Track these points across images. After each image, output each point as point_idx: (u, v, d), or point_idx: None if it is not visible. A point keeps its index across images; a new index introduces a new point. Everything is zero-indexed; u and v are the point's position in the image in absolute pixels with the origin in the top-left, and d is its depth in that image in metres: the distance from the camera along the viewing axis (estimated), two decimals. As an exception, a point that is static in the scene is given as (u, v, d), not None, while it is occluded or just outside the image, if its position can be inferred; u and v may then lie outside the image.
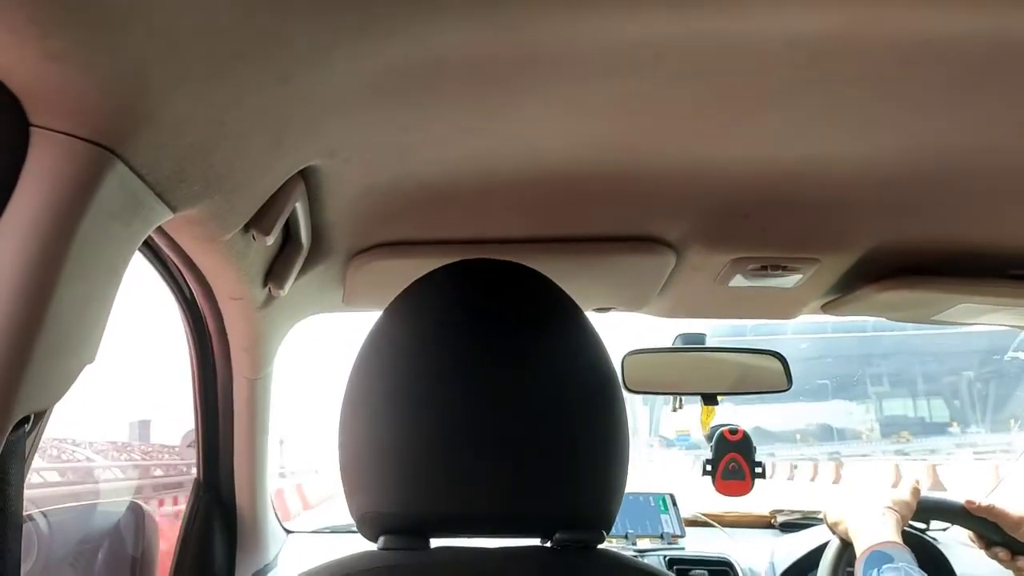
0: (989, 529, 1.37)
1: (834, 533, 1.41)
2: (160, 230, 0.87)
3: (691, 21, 0.69)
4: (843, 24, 0.69)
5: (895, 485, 1.43)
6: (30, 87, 0.56)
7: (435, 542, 0.81)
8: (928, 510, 1.41)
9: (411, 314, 0.82)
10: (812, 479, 19.03)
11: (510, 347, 0.79)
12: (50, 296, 0.59)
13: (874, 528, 1.28)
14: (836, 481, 17.32)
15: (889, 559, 1.21)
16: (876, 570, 1.20)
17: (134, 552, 1.45)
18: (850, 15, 0.68)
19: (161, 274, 1.14)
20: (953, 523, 1.46)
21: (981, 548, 1.40)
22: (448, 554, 0.79)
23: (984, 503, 1.37)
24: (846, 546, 1.38)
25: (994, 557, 1.38)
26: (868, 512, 1.32)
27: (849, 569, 1.41)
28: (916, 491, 1.37)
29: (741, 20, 0.68)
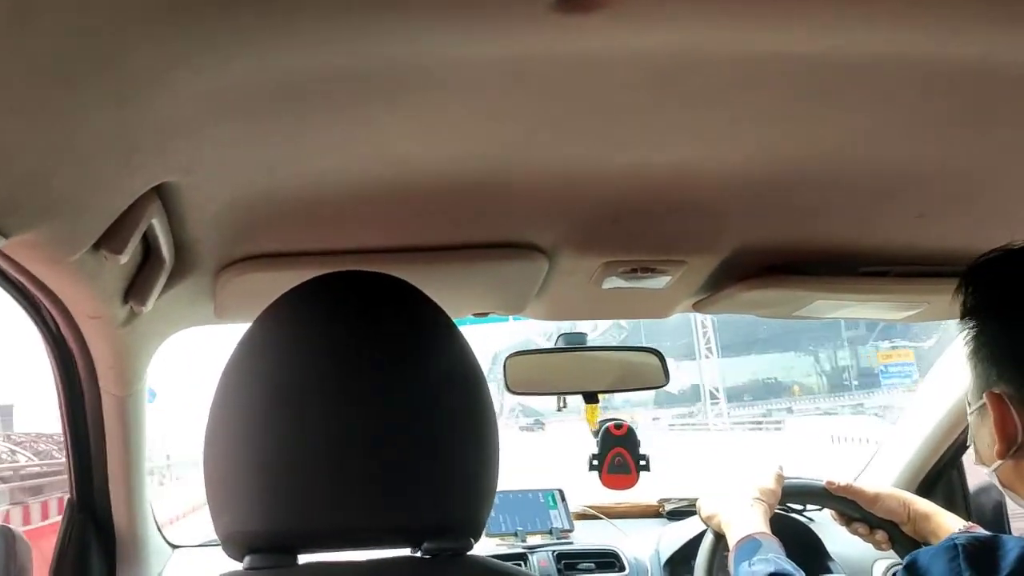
0: (849, 507, 1.45)
1: (708, 527, 1.47)
2: (2, 253, 0.84)
3: (547, 42, 0.70)
4: (688, 42, 0.72)
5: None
6: None
7: (304, 558, 0.80)
8: (792, 494, 1.49)
9: (277, 327, 0.82)
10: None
11: (377, 358, 0.79)
12: None
13: (744, 520, 1.34)
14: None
15: (757, 549, 1.27)
16: (747, 562, 1.26)
17: (5, 578, 1.39)
18: (695, 33, 0.71)
19: (11, 294, 1.09)
20: (817, 504, 1.54)
21: (842, 524, 1.49)
22: (317, 571, 0.79)
23: (842, 483, 1.45)
24: (719, 538, 1.43)
25: (855, 532, 1.47)
26: (737, 505, 1.38)
27: (726, 555, 1.47)
28: (780, 478, 1.44)
29: (595, 39, 0.70)
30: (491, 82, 0.78)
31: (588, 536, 1.96)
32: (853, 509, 1.45)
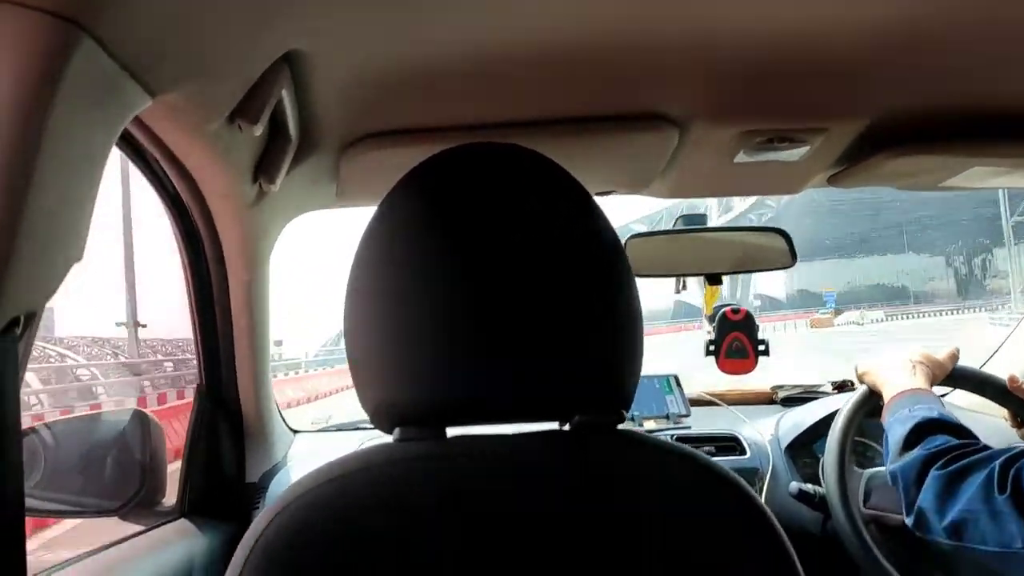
0: None
1: (862, 383, 1.42)
2: (141, 123, 0.82)
3: None
4: None
5: None
6: None
7: (451, 431, 0.79)
8: (965, 378, 1.42)
9: (412, 201, 0.79)
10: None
11: (516, 230, 0.76)
12: (27, 189, 0.54)
13: (904, 378, 1.30)
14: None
15: (919, 401, 1.22)
16: (908, 409, 1.21)
17: (142, 459, 1.45)
18: None
19: (145, 174, 1.08)
20: (989, 398, 1.46)
21: (1014, 427, 1.41)
22: (464, 442, 0.78)
23: None
24: (871, 395, 1.39)
25: None
26: (899, 364, 1.33)
27: (872, 420, 1.43)
28: (954, 356, 1.38)
29: None
30: None
31: (704, 422, 1.94)
32: None
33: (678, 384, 2.00)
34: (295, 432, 1.90)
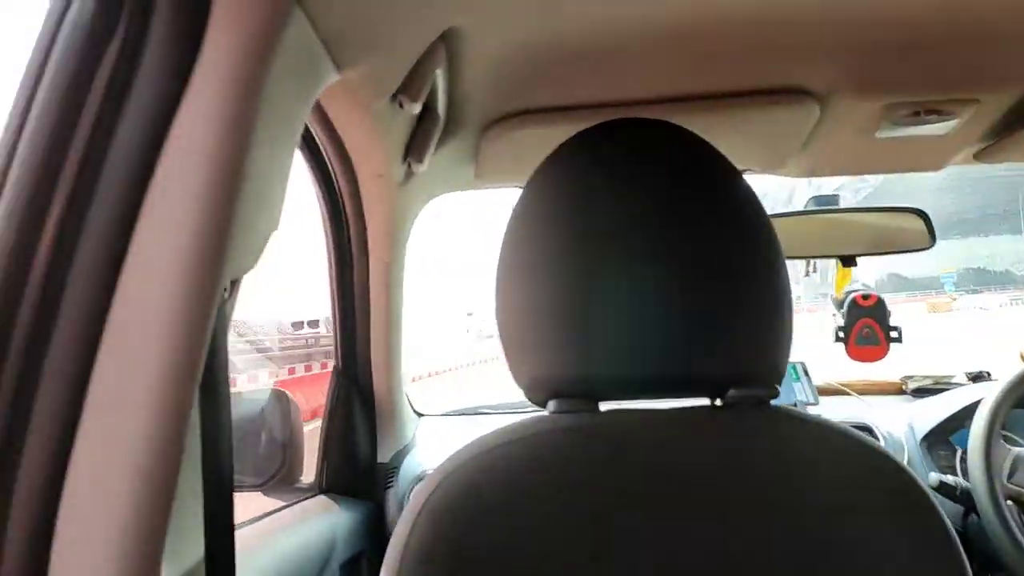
0: None
1: None
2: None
3: None
4: None
5: None
6: None
7: (604, 406, 0.79)
8: None
9: (562, 178, 0.79)
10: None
11: (668, 206, 0.75)
12: (243, 158, 0.57)
13: None
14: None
15: None
16: None
17: (282, 437, 1.50)
18: None
19: (304, 155, 1.12)
20: None
21: None
22: (617, 416, 0.78)
23: None
24: None
25: None
26: None
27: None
28: None
29: None
30: None
31: (833, 410, 1.88)
32: None
33: (806, 372, 1.95)
34: (419, 415, 1.93)
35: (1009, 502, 1.39)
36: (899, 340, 1.76)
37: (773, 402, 0.79)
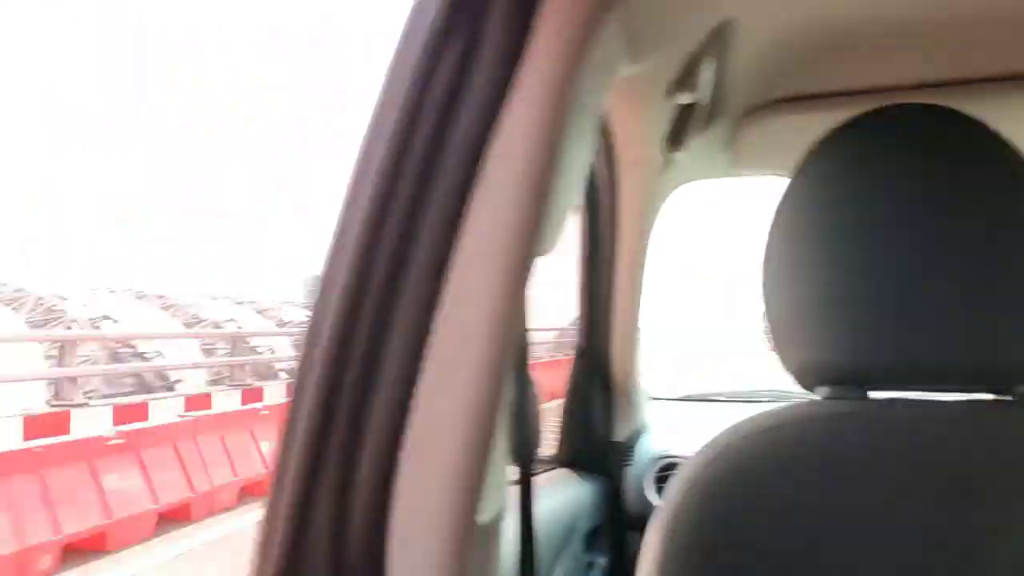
0: None
1: None
2: None
3: None
4: None
5: None
6: None
7: (873, 395, 0.78)
8: None
9: (834, 165, 0.78)
10: None
11: (948, 195, 0.73)
12: (559, 155, 0.60)
13: None
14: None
15: None
16: None
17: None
18: None
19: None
20: None
21: None
22: (890, 405, 0.77)
23: None
24: None
25: None
26: None
27: None
28: None
29: None
30: None
31: None
32: None
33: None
34: (651, 399, 1.96)
35: None
36: None
37: None
